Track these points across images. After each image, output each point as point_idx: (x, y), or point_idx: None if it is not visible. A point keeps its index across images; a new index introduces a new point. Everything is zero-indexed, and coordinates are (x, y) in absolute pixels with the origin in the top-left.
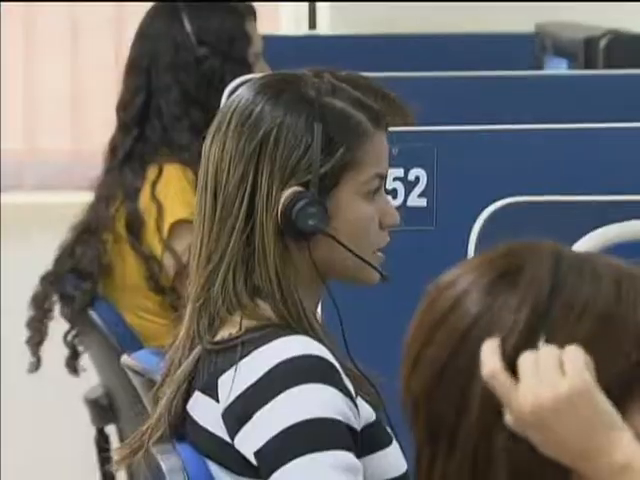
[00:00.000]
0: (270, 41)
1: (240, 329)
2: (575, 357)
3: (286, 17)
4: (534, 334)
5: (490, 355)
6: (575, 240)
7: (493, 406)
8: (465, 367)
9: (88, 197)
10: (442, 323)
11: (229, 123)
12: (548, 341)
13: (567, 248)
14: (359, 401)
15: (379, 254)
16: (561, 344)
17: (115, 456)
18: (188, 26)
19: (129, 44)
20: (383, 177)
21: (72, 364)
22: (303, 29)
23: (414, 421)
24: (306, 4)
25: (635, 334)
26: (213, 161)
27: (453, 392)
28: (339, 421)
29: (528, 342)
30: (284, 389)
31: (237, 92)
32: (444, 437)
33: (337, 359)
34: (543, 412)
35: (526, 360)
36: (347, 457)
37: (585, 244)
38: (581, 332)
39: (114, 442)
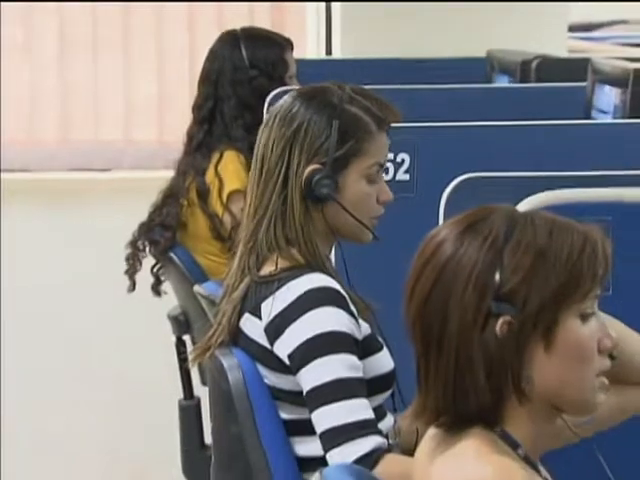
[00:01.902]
0: (298, 63)
1: (276, 268)
2: None
3: (310, 45)
4: (493, 265)
5: None
6: (515, 204)
7: (467, 318)
8: (444, 292)
9: (170, 174)
10: (428, 263)
11: (275, 118)
12: (502, 270)
13: (515, 207)
14: (360, 321)
15: (374, 221)
16: (511, 275)
17: (190, 356)
18: (244, 53)
19: (202, 62)
20: (382, 165)
21: (157, 289)
22: (322, 54)
23: (413, 336)
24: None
25: (562, 263)
26: (262, 144)
27: (437, 310)
28: (347, 334)
29: (489, 270)
30: (308, 310)
31: (282, 98)
32: (434, 344)
33: (345, 290)
34: None
35: None
36: (352, 359)
37: (522, 207)
38: (526, 263)
39: (189, 347)
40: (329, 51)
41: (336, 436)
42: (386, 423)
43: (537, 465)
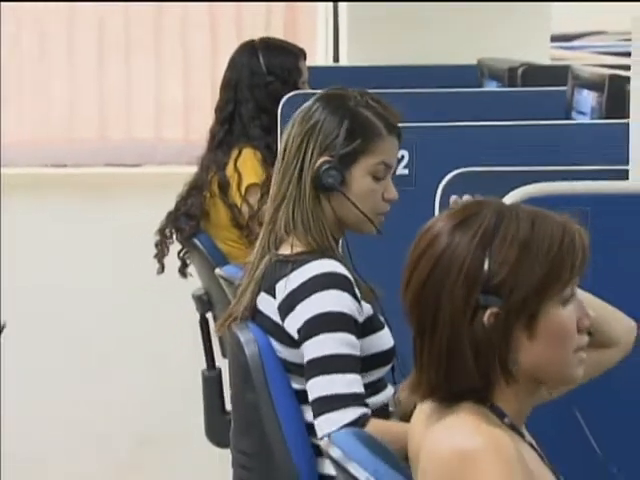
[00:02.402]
0: (310, 70)
1: (292, 251)
2: None
3: (319, 53)
4: (482, 258)
5: None
6: (502, 196)
7: (457, 309)
8: (438, 283)
9: (194, 169)
10: (423, 254)
11: (300, 113)
12: (491, 262)
13: (503, 201)
14: (363, 303)
15: (380, 217)
16: (498, 268)
17: (215, 328)
18: (262, 61)
19: (223, 68)
20: (388, 165)
21: (183, 272)
22: (330, 61)
23: (409, 319)
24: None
25: (544, 254)
26: (284, 139)
27: (431, 300)
28: (348, 315)
29: (478, 264)
30: (315, 292)
31: (308, 102)
32: (428, 329)
33: (351, 275)
34: None
35: None
36: (350, 338)
37: (510, 199)
38: (511, 256)
39: (211, 324)
40: (336, 59)
41: (325, 404)
42: (387, 393)
43: (522, 432)
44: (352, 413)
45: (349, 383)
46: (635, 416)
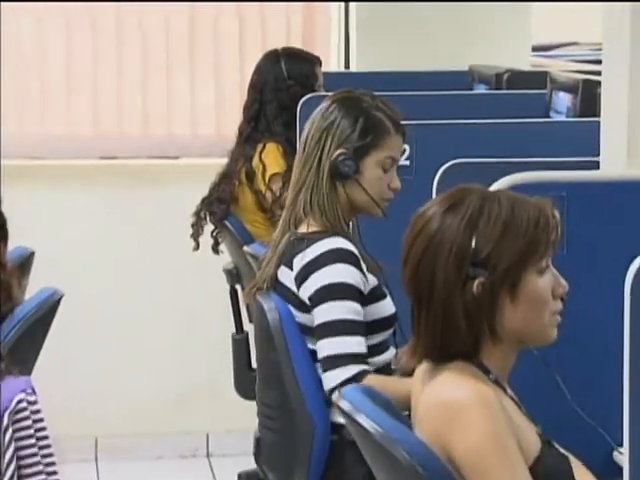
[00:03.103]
0: (325, 75)
1: (308, 230)
2: None
3: (333, 61)
4: (469, 237)
5: None
6: (490, 184)
7: (450, 281)
8: (432, 261)
9: (225, 161)
10: (418, 235)
11: (318, 112)
12: (477, 240)
13: (486, 188)
14: (369, 275)
15: (385, 203)
16: (484, 245)
17: (243, 296)
18: (284, 67)
19: (250, 74)
20: (394, 159)
21: (215, 249)
22: (341, 68)
23: (408, 292)
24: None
25: (522, 233)
26: (305, 134)
27: (426, 275)
28: (354, 285)
29: (467, 242)
30: (326, 265)
31: (323, 103)
32: (424, 300)
33: (359, 251)
34: None
35: None
36: (354, 305)
37: (496, 186)
38: (494, 235)
39: (239, 294)
40: (347, 65)
41: (331, 362)
42: (389, 354)
43: (505, 387)
44: (353, 370)
45: (351, 344)
46: (599, 365)
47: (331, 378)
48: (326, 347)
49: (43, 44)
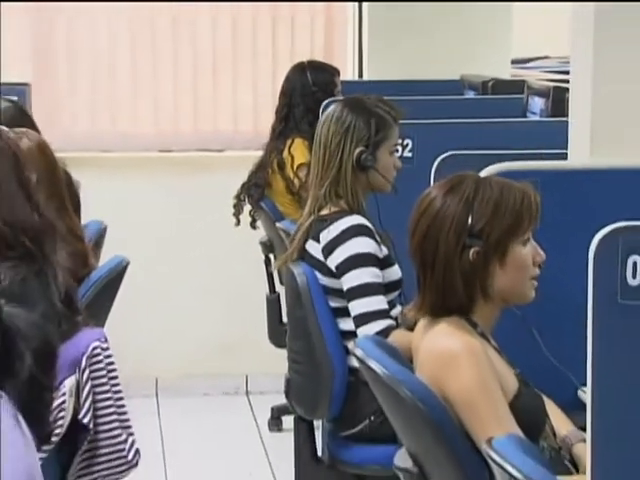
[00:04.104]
0: (342, 83)
1: (330, 212)
2: None
3: (349, 71)
4: (466, 214)
5: None
6: (479, 171)
7: (450, 250)
8: (435, 234)
9: (261, 153)
10: (424, 213)
11: (331, 117)
12: (473, 217)
13: (479, 174)
14: (382, 246)
15: (393, 180)
16: (479, 223)
17: (275, 265)
18: (309, 77)
19: (281, 83)
20: (396, 145)
21: (253, 225)
22: (356, 77)
23: (414, 260)
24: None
25: (510, 211)
26: (323, 135)
27: (430, 246)
28: (373, 254)
29: (464, 218)
30: (350, 239)
31: (332, 106)
32: (428, 266)
33: (373, 226)
34: None
35: None
36: (375, 270)
37: (484, 173)
38: (487, 211)
39: (272, 261)
40: (361, 75)
41: (363, 318)
42: (396, 311)
43: (489, 338)
44: (382, 324)
45: (376, 302)
46: (567, 319)
47: (366, 331)
48: (357, 307)
49: (111, 50)
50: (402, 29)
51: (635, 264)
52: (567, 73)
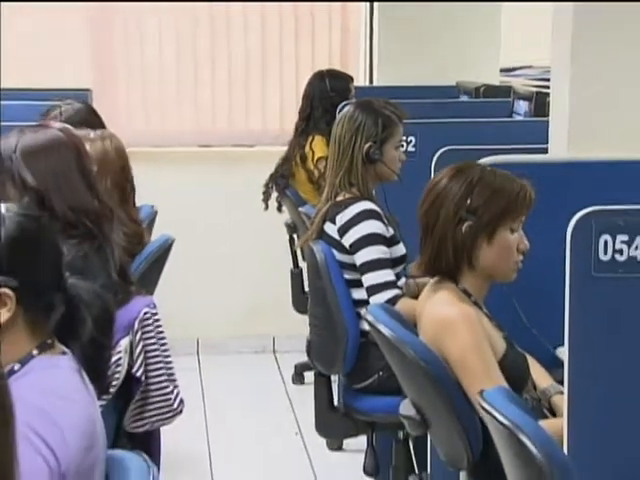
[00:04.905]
0: (355, 88)
1: (344, 198)
2: None
3: (361, 78)
4: (466, 195)
5: None
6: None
7: (448, 220)
8: (438, 205)
9: (285, 148)
10: (432, 190)
11: (345, 118)
12: (471, 198)
13: (484, 166)
14: (389, 227)
15: (398, 171)
16: (476, 203)
17: (298, 243)
18: (327, 83)
19: (303, 88)
20: (401, 141)
21: (279, 209)
22: (367, 83)
23: (420, 224)
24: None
25: (505, 197)
26: (338, 133)
27: (433, 215)
28: (382, 234)
29: (464, 199)
30: (361, 221)
31: (345, 108)
32: (430, 231)
33: (381, 210)
34: None
35: None
36: (383, 248)
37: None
38: (485, 195)
39: (296, 240)
40: (371, 81)
41: (374, 289)
42: (402, 282)
43: (481, 306)
44: (390, 293)
45: (385, 275)
46: (547, 291)
47: (376, 300)
48: (369, 279)
49: (159, 59)
50: (407, 43)
51: (606, 242)
52: (547, 80)
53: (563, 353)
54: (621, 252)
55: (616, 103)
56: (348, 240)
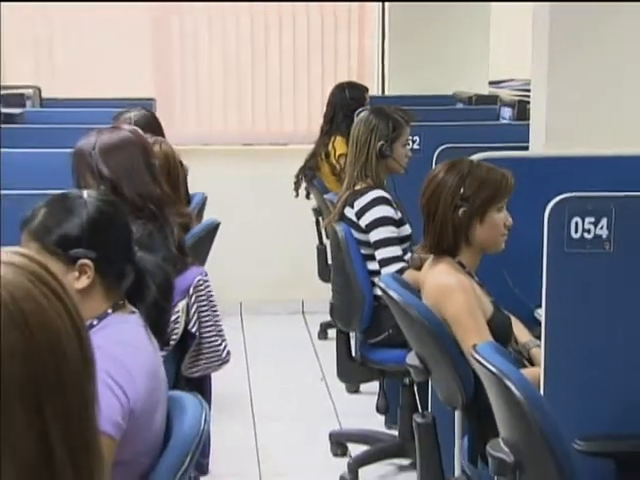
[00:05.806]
0: (370, 97)
1: (360, 188)
2: None
3: (375, 88)
4: (459, 188)
5: None
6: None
7: (446, 207)
8: (437, 195)
9: (312, 146)
10: (431, 181)
11: (361, 122)
12: (464, 188)
13: (472, 160)
14: (397, 211)
15: (405, 165)
16: (468, 192)
17: (323, 224)
18: (347, 93)
19: (327, 96)
20: (407, 140)
21: (308, 196)
22: (380, 92)
23: (423, 211)
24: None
25: (491, 185)
26: (355, 135)
27: (433, 203)
28: (391, 217)
29: (458, 188)
30: (375, 206)
31: (362, 113)
32: (431, 216)
33: (391, 196)
34: None
35: None
36: (393, 228)
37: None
38: (475, 185)
39: (321, 221)
40: (383, 91)
41: (385, 262)
42: (407, 257)
43: (474, 276)
44: (398, 265)
45: (394, 250)
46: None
47: (387, 271)
48: (381, 254)
49: (208, 71)
50: (413, 60)
51: (577, 223)
52: (528, 91)
53: (540, 314)
54: (589, 231)
55: (586, 110)
56: (364, 222)
